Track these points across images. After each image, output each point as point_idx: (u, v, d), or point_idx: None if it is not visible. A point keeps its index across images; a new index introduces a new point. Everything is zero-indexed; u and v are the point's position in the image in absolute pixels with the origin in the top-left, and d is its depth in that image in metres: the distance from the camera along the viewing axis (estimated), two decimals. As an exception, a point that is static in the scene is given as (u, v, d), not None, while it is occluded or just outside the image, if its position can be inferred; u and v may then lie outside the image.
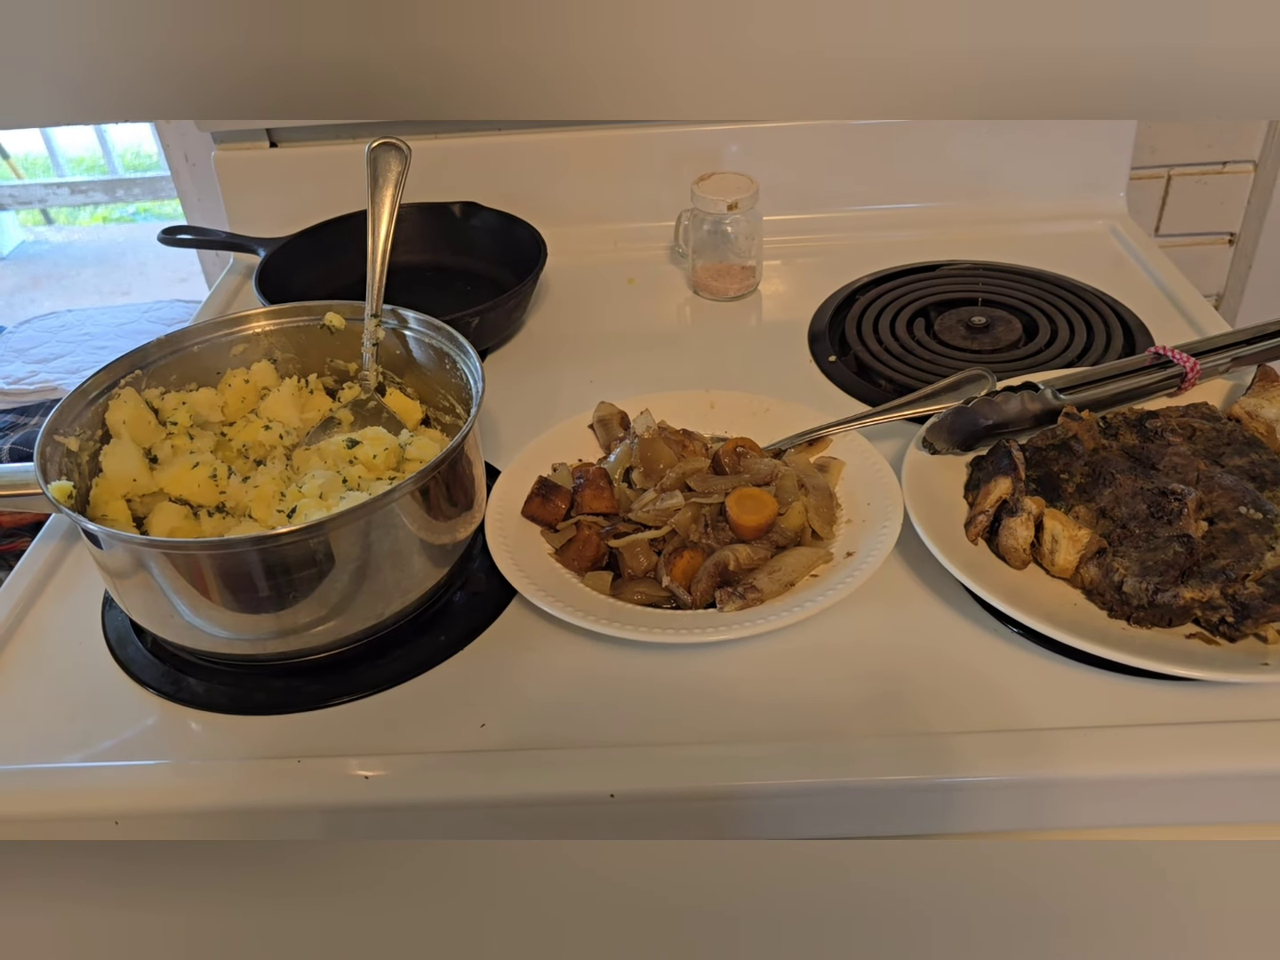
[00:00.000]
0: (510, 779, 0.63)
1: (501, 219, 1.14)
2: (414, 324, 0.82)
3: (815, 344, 1.03)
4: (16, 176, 3.38)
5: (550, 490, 0.77)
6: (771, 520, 0.74)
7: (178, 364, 0.80)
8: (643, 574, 0.73)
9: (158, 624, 0.69)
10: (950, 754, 0.63)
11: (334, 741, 0.66)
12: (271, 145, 1.23)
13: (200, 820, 0.64)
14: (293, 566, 0.64)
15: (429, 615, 0.73)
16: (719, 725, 0.65)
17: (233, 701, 0.69)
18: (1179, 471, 0.74)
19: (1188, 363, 0.83)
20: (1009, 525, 0.71)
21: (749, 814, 0.64)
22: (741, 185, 1.07)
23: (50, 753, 0.66)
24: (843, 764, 0.63)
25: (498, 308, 1.00)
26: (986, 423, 0.79)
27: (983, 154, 1.21)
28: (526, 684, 0.69)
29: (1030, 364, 0.97)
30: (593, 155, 1.21)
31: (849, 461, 0.81)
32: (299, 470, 0.77)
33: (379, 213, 0.83)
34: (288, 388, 0.82)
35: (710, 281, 1.12)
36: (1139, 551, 0.68)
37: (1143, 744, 0.62)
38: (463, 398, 0.80)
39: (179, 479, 0.74)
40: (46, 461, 0.69)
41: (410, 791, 0.63)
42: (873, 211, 1.23)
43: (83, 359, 1.36)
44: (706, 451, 0.81)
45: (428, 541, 0.70)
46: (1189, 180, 1.34)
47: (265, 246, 1.13)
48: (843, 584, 0.69)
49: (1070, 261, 1.13)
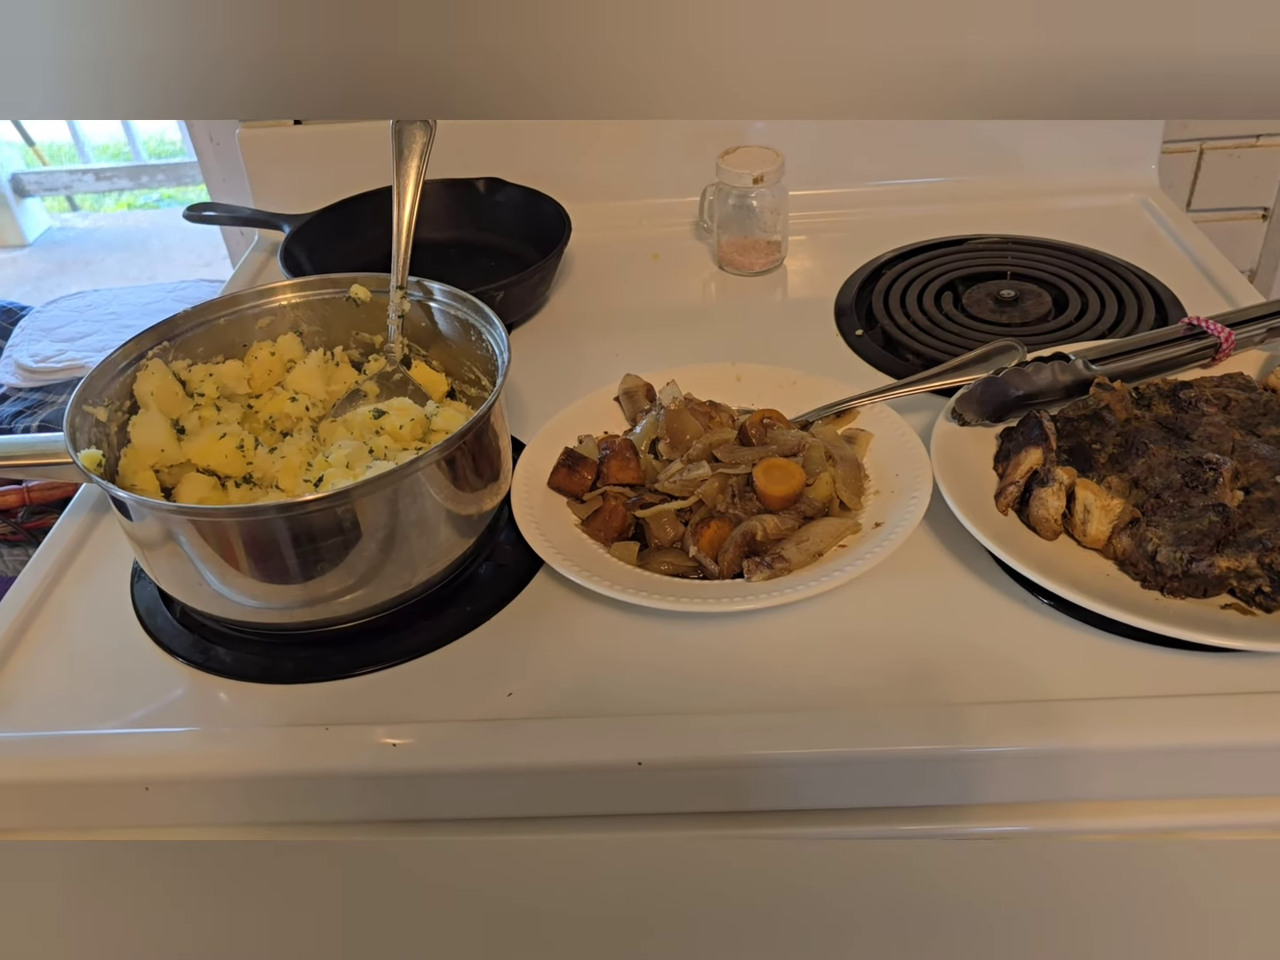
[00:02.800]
0: (538, 747, 0.63)
1: (526, 195, 1.14)
2: (439, 296, 0.81)
3: (841, 318, 1.02)
4: (42, 163, 3.40)
5: (576, 461, 0.77)
6: (799, 491, 0.74)
7: (205, 336, 0.80)
8: (669, 544, 0.73)
9: (186, 593, 0.69)
10: (981, 725, 0.62)
11: (362, 710, 0.66)
12: (296, 122, 1.23)
13: (229, 786, 0.65)
14: (319, 535, 0.64)
15: (455, 586, 0.73)
16: (746, 695, 0.65)
17: (261, 670, 0.69)
18: (1214, 441, 0.73)
19: (1222, 333, 0.82)
20: (1040, 495, 0.71)
21: (775, 783, 0.64)
22: (767, 159, 1.06)
23: (82, 720, 0.67)
24: (870, 734, 0.62)
25: (522, 282, 1.00)
26: (1017, 393, 0.78)
27: (1012, 127, 1.20)
28: (553, 654, 0.69)
29: (1060, 337, 0.96)
30: (617, 131, 1.21)
31: (877, 433, 0.80)
32: (325, 442, 0.77)
33: (404, 185, 0.83)
34: (313, 360, 0.82)
35: (735, 256, 1.11)
36: (1173, 521, 0.67)
37: (1180, 714, 0.62)
38: (488, 370, 0.80)
39: (206, 450, 0.74)
40: (76, 431, 0.69)
41: (438, 759, 0.63)
42: (899, 186, 1.22)
43: (109, 337, 1.37)
44: (733, 423, 0.81)
45: (454, 512, 0.70)
46: (1221, 154, 1.32)
47: (290, 223, 1.13)
48: (871, 554, 0.69)
49: (1101, 235, 1.11)
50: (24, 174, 3.32)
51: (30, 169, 3.35)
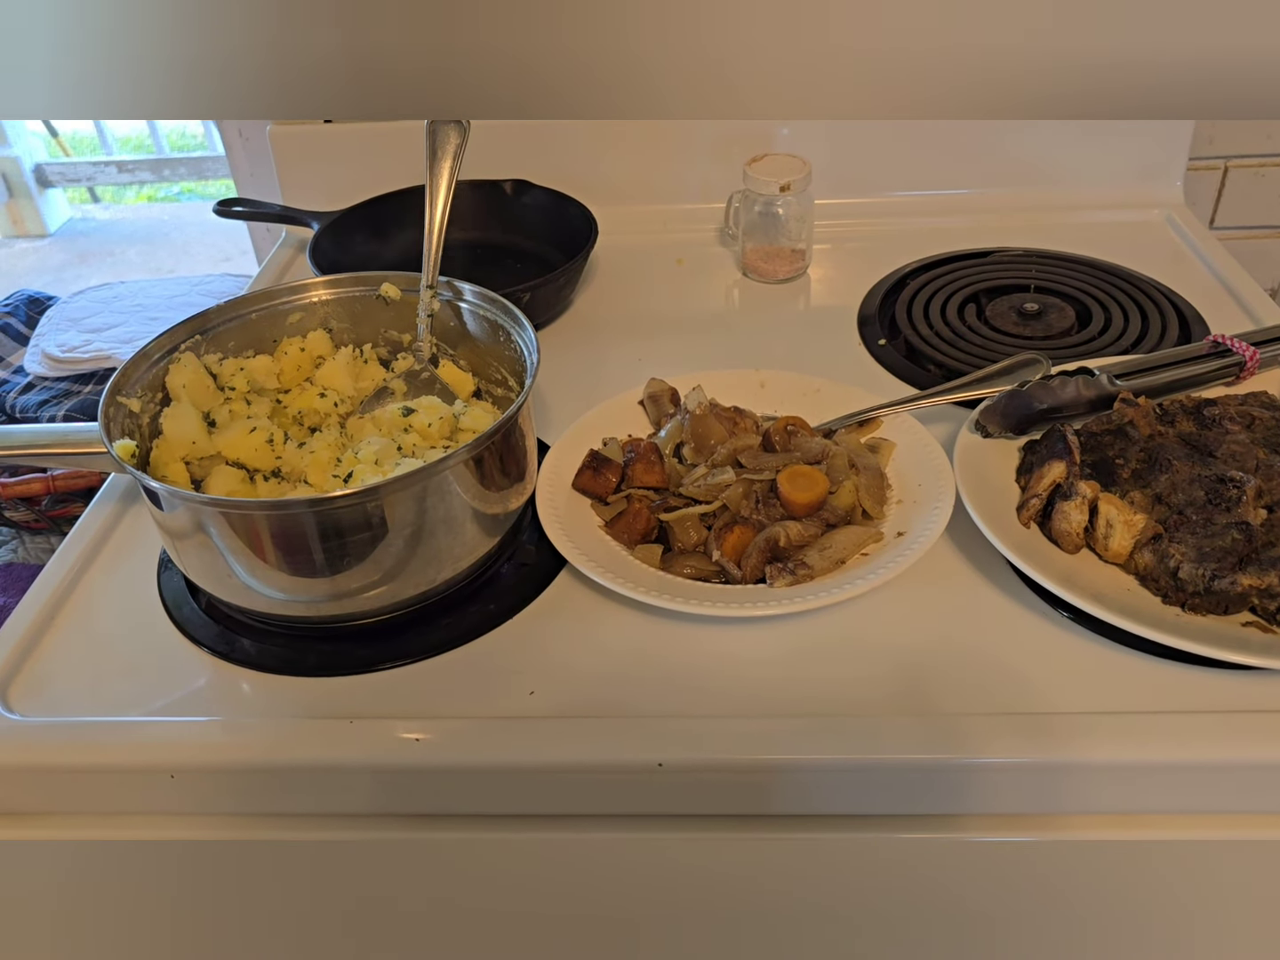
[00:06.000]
0: (559, 745, 0.63)
1: (553, 197, 1.15)
2: (469, 296, 0.82)
3: (865, 328, 1.03)
4: (65, 155, 3.43)
5: (601, 463, 0.77)
6: (822, 498, 0.74)
7: (237, 330, 0.81)
8: (692, 548, 0.73)
9: (214, 584, 0.70)
10: (1000, 736, 0.62)
11: (384, 705, 0.66)
12: (326, 121, 1.23)
13: (251, 776, 0.65)
14: (347, 530, 0.65)
15: (479, 584, 0.74)
16: (767, 700, 0.65)
17: (285, 663, 0.70)
18: (1237, 459, 0.73)
19: (1247, 351, 0.82)
20: (1062, 509, 0.71)
21: (791, 787, 0.64)
22: (794, 167, 1.07)
23: (109, 707, 0.67)
24: (888, 741, 0.62)
25: (548, 284, 1.00)
26: (1040, 407, 0.79)
27: (1037, 141, 1.20)
28: (575, 654, 0.69)
29: (1083, 351, 0.96)
30: (644, 136, 1.21)
31: (900, 443, 0.81)
32: (353, 438, 0.78)
33: (437, 185, 0.83)
34: (343, 357, 0.83)
35: (760, 264, 1.11)
36: (1196, 538, 0.67)
37: (1199, 730, 0.62)
38: (515, 370, 0.80)
39: (236, 443, 0.75)
40: (110, 421, 0.70)
41: (460, 755, 0.64)
42: (924, 197, 1.23)
43: (135, 329, 1.38)
44: (757, 429, 0.81)
45: (480, 510, 0.70)
46: (1247, 172, 1.32)
47: (319, 220, 1.14)
48: (894, 563, 0.69)
49: (1125, 250, 1.11)
50: (47, 165, 3.34)
51: (53, 160, 3.37)
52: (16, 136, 3.22)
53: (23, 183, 3.26)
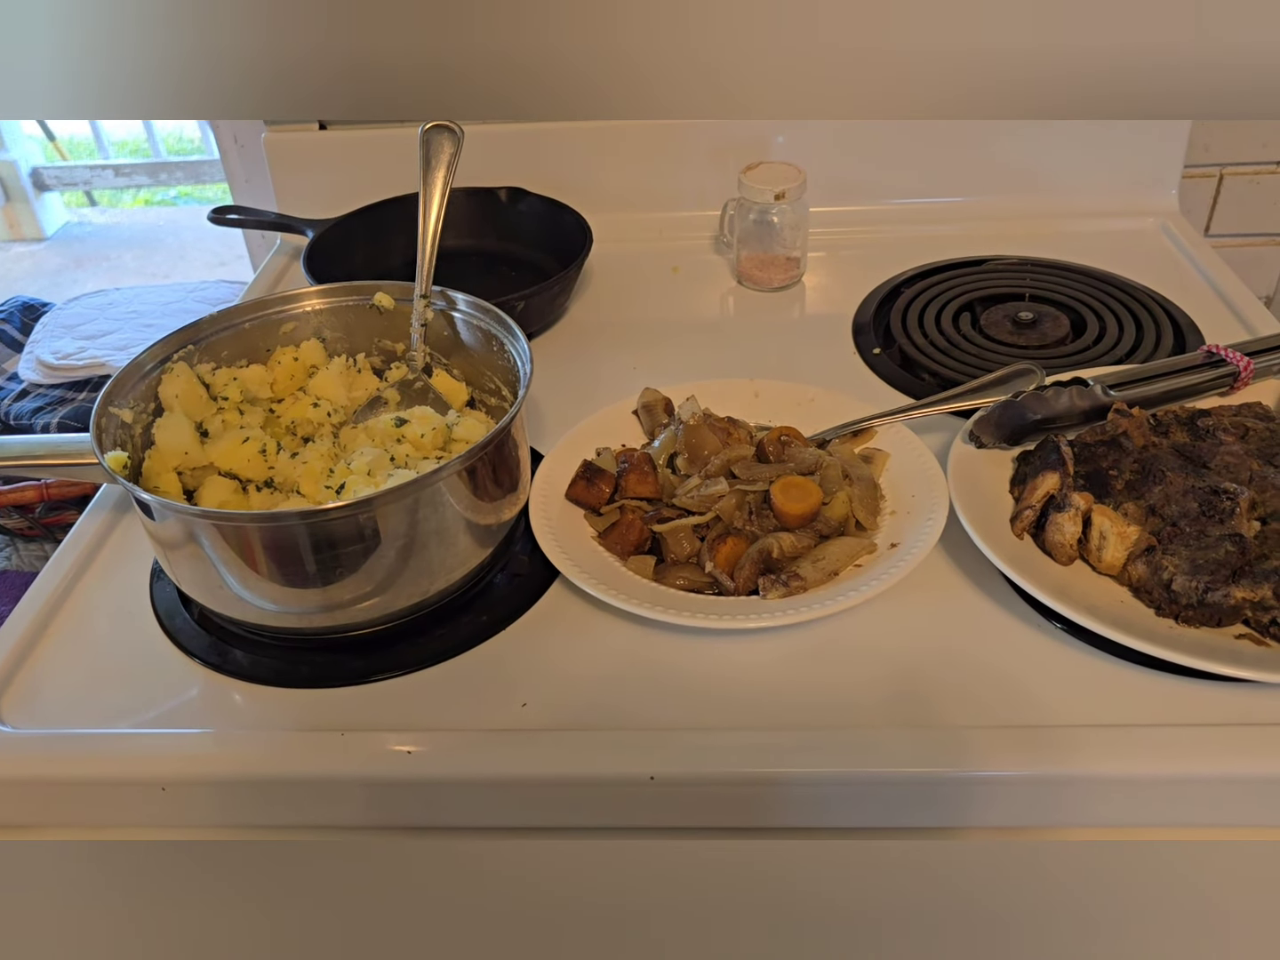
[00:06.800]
0: (551, 758, 0.63)
1: (547, 205, 1.15)
2: (463, 306, 0.82)
3: (859, 336, 1.03)
4: (62, 158, 3.42)
5: (595, 474, 0.77)
6: (816, 509, 0.74)
7: (229, 340, 0.81)
8: (685, 559, 0.73)
9: (206, 595, 0.70)
10: (994, 749, 0.62)
11: (376, 716, 0.66)
12: (321, 127, 1.23)
13: (244, 789, 0.65)
14: (340, 542, 0.65)
15: (472, 595, 0.74)
16: (759, 712, 0.65)
17: (277, 674, 0.69)
18: (1231, 471, 0.73)
19: (1241, 361, 0.82)
20: (1056, 520, 0.71)
21: (784, 801, 0.64)
22: (789, 175, 1.07)
23: (100, 719, 0.67)
24: (881, 754, 0.62)
25: (543, 292, 1.00)
26: (1034, 417, 0.79)
27: (1032, 148, 1.20)
28: (567, 665, 0.69)
29: (1078, 361, 0.96)
30: (639, 143, 1.21)
31: (894, 453, 0.81)
32: (346, 448, 0.78)
33: (430, 194, 0.83)
34: (336, 366, 0.83)
35: (754, 272, 1.11)
36: (1189, 550, 0.67)
37: (1190, 743, 0.62)
38: (509, 380, 0.80)
39: (229, 453, 0.74)
40: (102, 432, 0.70)
41: (451, 767, 0.64)
42: (919, 205, 1.23)
43: (130, 336, 1.38)
44: (751, 439, 0.81)
45: (473, 521, 0.70)
46: (1242, 180, 1.32)
47: (314, 227, 1.14)
48: (887, 574, 0.69)
49: (1120, 259, 1.11)
50: (44, 168, 3.34)
51: (50, 163, 3.37)
52: (13, 140, 3.22)
53: (19, 186, 3.26)
